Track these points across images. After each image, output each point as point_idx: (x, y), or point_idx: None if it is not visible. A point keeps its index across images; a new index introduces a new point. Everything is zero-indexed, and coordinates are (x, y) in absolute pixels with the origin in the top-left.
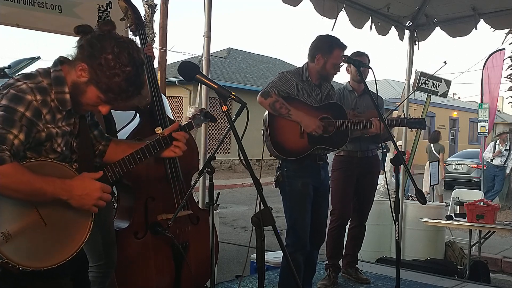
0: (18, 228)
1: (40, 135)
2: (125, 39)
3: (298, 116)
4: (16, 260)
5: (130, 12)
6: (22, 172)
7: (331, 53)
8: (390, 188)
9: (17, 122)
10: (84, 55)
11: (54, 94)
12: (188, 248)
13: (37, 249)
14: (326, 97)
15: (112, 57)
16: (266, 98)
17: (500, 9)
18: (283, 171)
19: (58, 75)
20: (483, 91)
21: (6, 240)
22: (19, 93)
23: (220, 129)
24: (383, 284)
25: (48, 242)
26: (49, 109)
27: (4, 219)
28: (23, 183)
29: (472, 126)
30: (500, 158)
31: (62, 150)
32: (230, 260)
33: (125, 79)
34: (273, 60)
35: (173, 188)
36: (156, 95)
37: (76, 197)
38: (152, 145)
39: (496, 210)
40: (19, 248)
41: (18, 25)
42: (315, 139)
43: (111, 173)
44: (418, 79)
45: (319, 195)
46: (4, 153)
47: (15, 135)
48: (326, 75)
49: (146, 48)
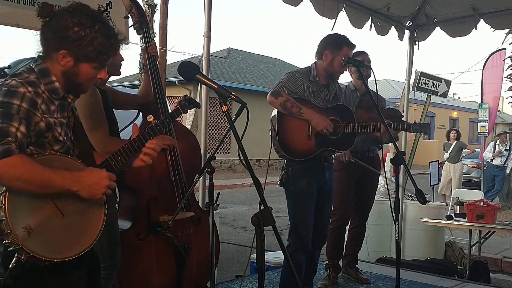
0: (38, 221)
1: (39, 126)
2: (71, 6)
3: (309, 114)
4: (41, 253)
5: (135, 10)
6: (31, 163)
7: (339, 50)
8: (390, 188)
9: (15, 115)
10: (55, 44)
11: (43, 85)
12: (190, 250)
13: (58, 240)
14: (334, 97)
15: (78, 28)
16: (277, 98)
17: (500, 9)
18: (288, 170)
19: (41, 68)
20: (483, 91)
21: (28, 234)
22: (11, 88)
23: (220, 129)
24: (383, 284)
25: (67, 232)
26: (42, 99)
27: (22, 214)
28: (32, 173)
29: (472, 126)
30: (500, 158)
31: (64, 139)
32: (230, 260)
33: (102, 36)
34: (273, 60)
35: (175, 189)
36: (160, 95)
37: (86, 187)
38: (147, 132)
39: (496, 210)
40: (41, 241)
41: (18, 25)
42: (322, 141)
43: (115, 161)
44: (418, 79)
45: (323, 196)
46: (11, 145)
47: (16, 128)
48: (333, 73)
49: (151, 48)
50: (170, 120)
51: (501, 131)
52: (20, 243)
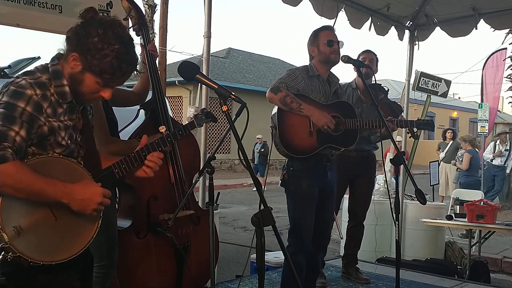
0: (30, 222)
1: (42, 129)
2: (108, 19)
3: (309, 110)
4: (28, 254)
5: (134, 12)
6: (23, 172)
7: (317, 37)
8: (390, 188)
9: (17, 119)
10: (72, 45)
11: (53, 88)
12: (189, 249)
13: (48, 243)
14: (334, 93)
15: (98, 39)
16: (276, 93)
17: (500, 9)
18: (289, 170)
19: (55, 69)
20: (483, 91)
21: (18, 234)
22: (18, 89)
23: (220, 129)
24: (383, 284)
25: (58, 236)
26: (50, 103)
27: (15, 214)
28: (24, 183)
29: (472, 126)
30: (500, 158)
31: (67, 143)
32: (230, 260)
33: (115, 57)
34: (273, 60)
35: (175, 188)
36: (159, 94)
37: (78, 201)
38: (156, 143)
39: (496, 210)
40: (31, 242)
41: (18, 25)
42: (324, 138)
43: (118, 169)
44: (418, 79)
45: (325, 197)
46: (6, 151)
47: (16, 132)
48: (326, 57)
49: (150, 46)
50: (183, 133)
51: (501, 131)
52: (9, 242)
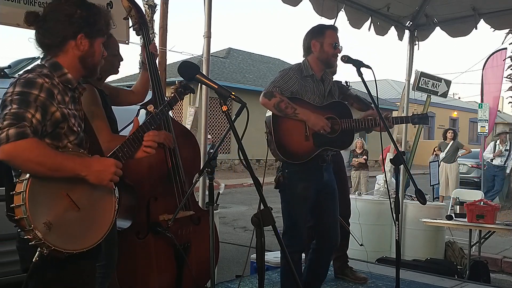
0: (56, 216)
1: (55, 116)
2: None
3: (305, 114)
4: (61, 246)
5: (134, 12)
6: (44, 147)
7: (324, 35)
8: (390, 188)
9: (32, 103)
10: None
11: (57, 78)
12: (189, 249)
13: (76, 232)
14: (329, 93)
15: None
16: (270, 99)
17: (500, 9)
18: (284, 172)
19: (52, 62)
20: (483, 91)
21: (49, 229)
22: (29, 80)
23: (220, 129)
24: (383, 284)
25: (83, 224)
26: (58, 90)
27: (41, 210)
28: (45, 156)
29: (472, 126)
30: (500, 158)
31: (78, 130)
32: (230, 260)
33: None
34: (273, 60)
35: (175, 189)
36: (159, 94)
37: (95, 173)
38: (149, 122)
39: (496, 210)
40: (61, 234)
41: (19, 25)
42: (320, 141)
43: (122, 153)
44: (418, 79)
45: (323, 197)
46: (25, 129)
47: (32, 114)
48: (327, 58)
49: (150, 47)
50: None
51: (501, 131)
52: (43, 238)
